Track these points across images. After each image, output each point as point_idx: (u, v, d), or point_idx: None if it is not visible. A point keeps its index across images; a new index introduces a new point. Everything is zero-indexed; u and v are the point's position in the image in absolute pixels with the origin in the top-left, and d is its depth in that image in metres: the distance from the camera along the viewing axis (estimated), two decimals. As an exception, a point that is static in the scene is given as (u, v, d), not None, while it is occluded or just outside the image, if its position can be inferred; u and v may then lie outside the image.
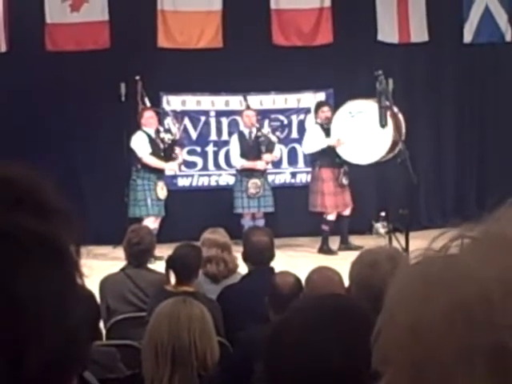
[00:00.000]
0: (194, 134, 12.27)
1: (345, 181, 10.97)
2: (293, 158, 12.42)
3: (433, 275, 0.77)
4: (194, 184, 12.34)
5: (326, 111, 11.06)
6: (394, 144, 10.16)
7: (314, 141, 10.94)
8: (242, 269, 5.84)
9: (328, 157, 10.83)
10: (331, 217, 11.05)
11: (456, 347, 0.72)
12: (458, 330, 0.72)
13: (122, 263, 6.09)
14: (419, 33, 12.21)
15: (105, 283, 5.68)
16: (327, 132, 10.88)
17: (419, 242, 0.86)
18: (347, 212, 11.18)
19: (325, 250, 11.00)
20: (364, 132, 10.61)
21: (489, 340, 0.71)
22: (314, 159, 11.17)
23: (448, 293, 0.74)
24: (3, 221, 0.80)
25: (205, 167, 12.34)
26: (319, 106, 11.34)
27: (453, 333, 0.73)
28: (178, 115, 11.75)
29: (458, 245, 0.78)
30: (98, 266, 7.65)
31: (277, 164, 12.05)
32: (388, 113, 10.22)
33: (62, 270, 0.83)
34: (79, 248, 0.87)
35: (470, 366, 0.72)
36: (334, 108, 11.14)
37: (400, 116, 10.66)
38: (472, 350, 0.72)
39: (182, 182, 12.25)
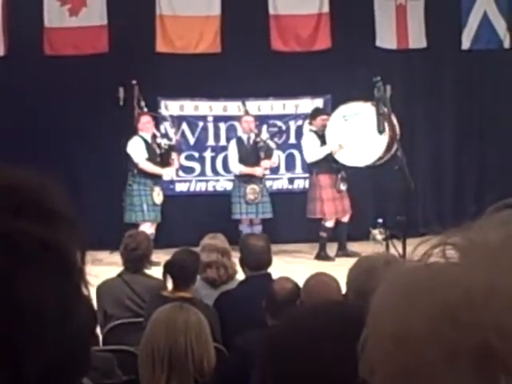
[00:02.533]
0: (191, 139, 12.27)
1: (342, 186, 10.92)
2: (290, 163, 12.41)
3: (417, 283, 0.78)
4: (192, 189, 12.32)
5: (325, 119, 10.97)
6: (390, 144, 10.16)
7: (315, 149, 10.89)
8: (241, 276, 5.83)
9: (325, 163, 10.80)
10: (329, 223, 11.02)
11: (442, 350, 0.74)
12: (443, 333, 0.73)
13: (119, 268, 6.09)
14: (418, 39, 12.22)
15: (102, 288, 5.67)
16: (322, 139, 10.85)
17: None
18: (346, 218, 11.16)
19: (322, 256, 10.97)
20: (359, 134, 10.57)
21: (474, 340, 0.72)
22: (311, 165, 11.15)
23: (433, 300, 0.75)
24: (5, 226, 0.80)
25: (202, 172, 12.32)
26: (318, 113, 11.27)
27: (438, 336, 0.74)
28: (176, 120, 11.75)
29: (440, 252, 0.79)
30: (95, 272, 7.63)
31: (274, 170, 12.02)
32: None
33: (65, 276, 0.83)
34: (84, 255, 0.87)
35: (457, 367, 0.73)
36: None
37: (393, 116, 10.63)
38: (458, 351, 0.73)
39: (180, 188, 12.24)
